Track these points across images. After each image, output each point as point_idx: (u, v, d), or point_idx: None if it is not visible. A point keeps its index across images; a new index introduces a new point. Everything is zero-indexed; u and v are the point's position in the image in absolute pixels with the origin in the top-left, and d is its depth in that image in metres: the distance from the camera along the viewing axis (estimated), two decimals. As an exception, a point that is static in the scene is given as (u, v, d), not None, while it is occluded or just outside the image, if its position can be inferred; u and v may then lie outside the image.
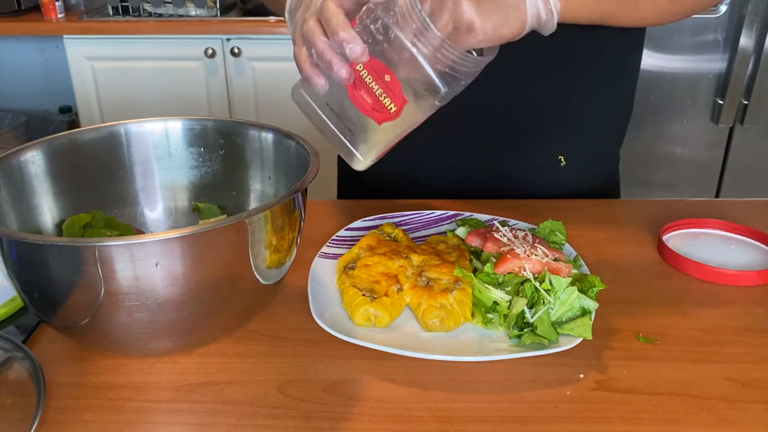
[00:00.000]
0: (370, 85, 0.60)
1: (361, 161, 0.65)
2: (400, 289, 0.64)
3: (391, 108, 0.60)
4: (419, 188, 0.94)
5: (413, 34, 0.56)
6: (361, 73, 0.60)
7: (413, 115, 0.62)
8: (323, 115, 0.63)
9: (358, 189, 1.02)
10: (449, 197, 0.92)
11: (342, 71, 0.59)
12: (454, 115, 0.88)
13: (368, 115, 0.61)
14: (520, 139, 0.93)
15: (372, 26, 0.58)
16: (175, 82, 2.24)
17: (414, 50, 0.57)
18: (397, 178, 0.96)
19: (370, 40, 0.58)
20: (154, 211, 0.75)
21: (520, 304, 0.60)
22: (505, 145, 0.93)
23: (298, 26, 0.64)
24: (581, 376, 0.57)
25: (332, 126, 0.63)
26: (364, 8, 0.60)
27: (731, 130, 2.11)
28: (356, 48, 0.58)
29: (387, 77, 0.59)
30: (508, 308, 0.61)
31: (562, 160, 0.94)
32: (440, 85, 0.59)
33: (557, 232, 0.73)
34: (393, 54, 0.58)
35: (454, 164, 0.94)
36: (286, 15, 0.71)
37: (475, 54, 0.60)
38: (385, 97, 0.60)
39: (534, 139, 0.93)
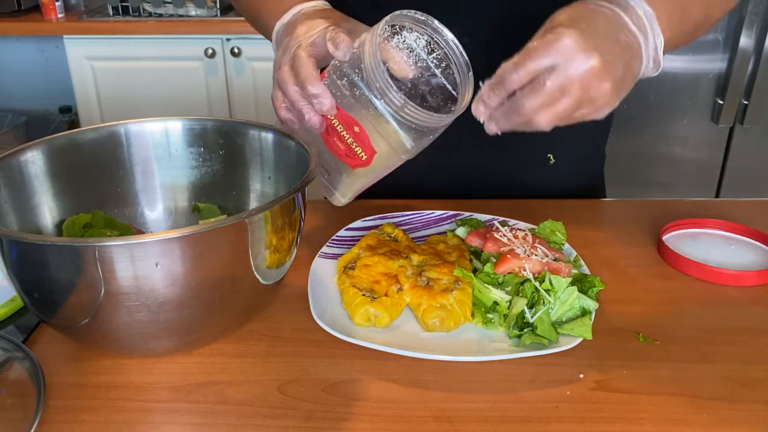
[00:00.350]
0: (342, 134, 0.61)
1: (340, 200, 0.68)
2: (400, 289, 0.64)
3: (362, 156, 0.62)
4: (408, 188, 0.94)
5: (378, 93, 0.58)
6: (332, 122, 0.61)
7: (384, 164, 0.64)
8: None
9: None
10: (438, 196, 0.92)
11: (313, 120, 0.61)
12: None
13: (342, 160, 0.64)
14: (510, 137, 0.93)
15: (339, 81, 0.60)
16: (175, 82, 2.24)
17: (379, 107, 0.58)
18: (387, 177, 0.96)
19: (338, 93, 0.60)
20: (154, 211, 0.75)
21: (520, 304, 0.60)
22: (496, 144, 0.93)
23: (275, 70, 0.65)
24: (581, 376, 0.57)
25: None
26: (332, 63, 0.61)
27: (731, 130, 2.11)
28: (325, 102, 0.59)
29: (356, 128, 0.60)
30: (508, 308, 0.61)
31: (551, 157, 0.94)
32: (406, 140, 0.60)
33: (557, 232, 0.73)
34: (360, 108, 0.59)
35: (444, 163, 0.94)
36: (273, 45, 0.72)
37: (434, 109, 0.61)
38: (356, 146, 0.61)
39: (523, 138, 0.93)
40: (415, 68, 0.61)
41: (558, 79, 0.54)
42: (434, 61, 0.62)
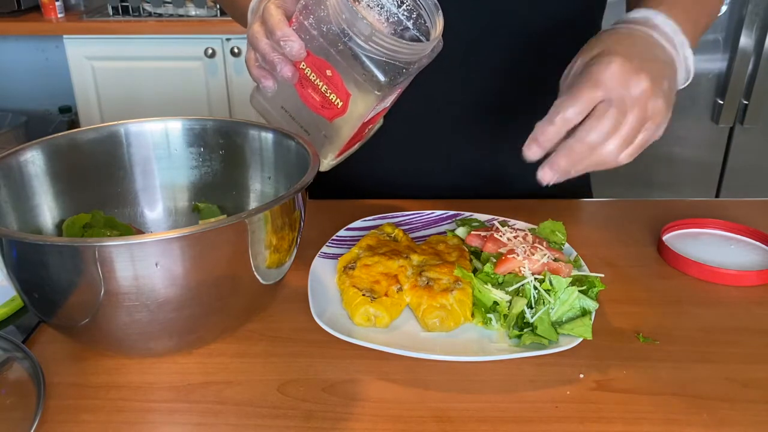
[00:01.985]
0: (315, 82, 0.61)
1: (322, 162, 0.67)
2: (400, 289, 0.64)
3: (338, 103, 0.61)
4: (392, 186, 0.94)
5: (345, 25, 0.57)
6: (305, 71, 0.61)
7: (360, 108, 0.62)
8: (280, 118, 0.65)
9: (329, 188, 1.01)
10: (423, 193, 0.91)
11: (285, 70, 0.61)
12: (426, 109, 0.88)
13: (318, 113, 0.63)
14: (494, 131, 0.93)
15: (306, 22, 0.59)
16: (175, 82, 2.24)
17: (347, 41, 0.57)
18: (368, 175, 0.96)
19: (307, 37, 0.59)
20: (154, 211, 0.75)
21: (520, 304, 0.60)
22: (483, 138, 0.93)
23: (248, 32, 0.65)
24: (581, 376, 0.57)
25: (289, 128, 0.64)
26: (299, 5, 0.61)
27: (731, 130, 2.11)
28: (294, 45, 0.59)
29: (328, 72, 0.60)
30: (508, 308, 0.61)
31: None
32: (378, 74, 0.59)
33: (557, 232, 0.73)
34: (329, 47, 0.59)
35: (426, 160, 0.94)
36: (248, 20, 0.72)
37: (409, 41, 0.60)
38: (330, 93, 0.61)
39: (508, 131, 0.93)
40: (388, 25, 0.61)
41: (618, 105, 0.55)
42: (405, 13, 0.62)
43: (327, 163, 0.68)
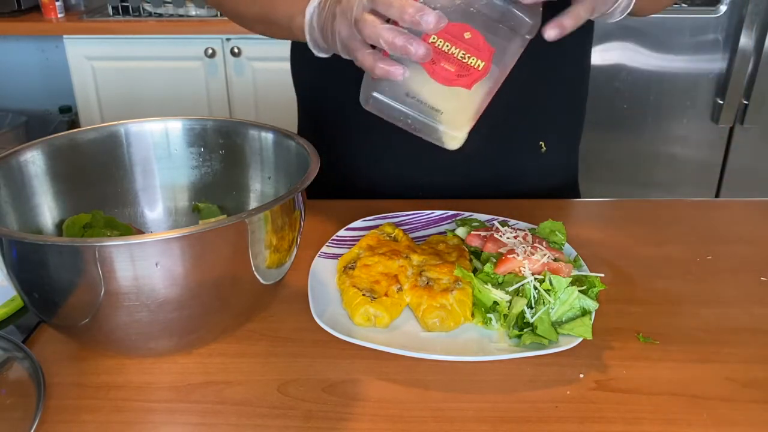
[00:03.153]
0: (450, 52, 0.58)
1: (457, 137, 0.63)
2: (400, 289, 0.64)
3: (478, 65, 0.58)
4: (391, 186, 0.93)
5: None
6: (436, 44, 0.58)
7: (506, 59, 0.60)
8: (405, 109, 0.61)
9: (329, 188, 1.00)
10: (423, 193, 0.91)
11: (420, 49, 0.57)
12: None
13: (455, 85, 0.59)
14: (494, 132, 0.92)
15: None
16: (175, 82, 2.24)
17: None
18: (367, 175, 0.95)
19: (438, 6, 0.56)
20: (154, 211, 0.75)
21: (520, 304, 0.60)
22: (483, 139, 0.93)
23: (343, 34, 0.62)
24: (581, 376, 0.57)
25: (417, 115, 0.61)
26: None
27: (731, 130, 2.11)
28: (431, 17, 0.55)
29: (467, 34, 0.57)
30: (508, 308, 0.61)
31: (543, 145, 0.94)
32: (525, 16, 0.56)
33: (557, 232, 0.73)
34: (468, 7, 0.56)
35: (426, 160, 0.94)
36: (306, 31, 0.68)
37: None
38: (469, 57, 0.58)
39: (509, 132, 0.93)
40: None
41: None
42: None
43: (462, 136, 0.64)
